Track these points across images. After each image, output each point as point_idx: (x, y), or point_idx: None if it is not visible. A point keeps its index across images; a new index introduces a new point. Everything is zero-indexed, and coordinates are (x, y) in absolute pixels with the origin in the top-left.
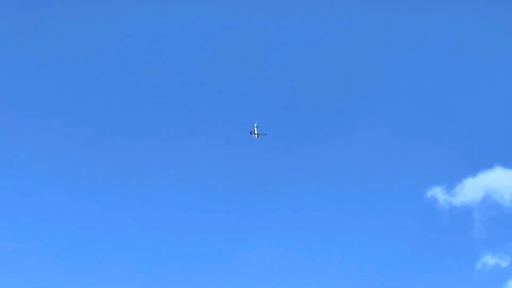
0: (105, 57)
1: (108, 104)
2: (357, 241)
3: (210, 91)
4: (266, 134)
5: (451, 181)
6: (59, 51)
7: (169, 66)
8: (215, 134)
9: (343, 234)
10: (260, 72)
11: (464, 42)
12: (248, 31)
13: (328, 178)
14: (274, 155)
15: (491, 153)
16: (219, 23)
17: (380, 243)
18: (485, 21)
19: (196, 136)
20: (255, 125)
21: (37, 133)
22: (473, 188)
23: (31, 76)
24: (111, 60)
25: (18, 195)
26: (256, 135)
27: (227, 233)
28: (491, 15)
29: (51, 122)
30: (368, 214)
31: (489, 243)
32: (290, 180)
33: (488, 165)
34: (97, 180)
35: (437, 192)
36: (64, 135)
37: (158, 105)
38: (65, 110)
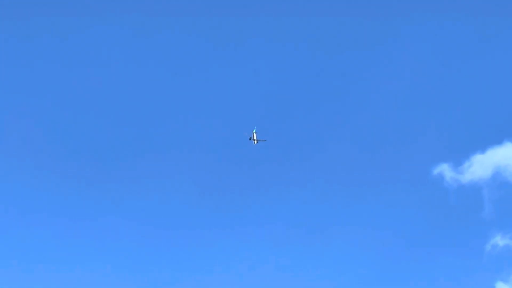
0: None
1: (104, 105)
2: (361, 221)
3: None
4: (265, 140)
5: (459, 157)
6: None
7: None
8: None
9: (345, 212)
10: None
11: (471, 18)
12: (245, 31)
13: (331, 155)
14: (272, 158)
15: (500, 128)
16: (216, 24)
17: (384, 224)
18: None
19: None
20: (254, 131)
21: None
22: (482, 165)
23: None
24: (106, 60)
25: None
26: (255, 141)
27: (201, 248)
28: None
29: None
30: (369, 194)
31: (499, 223)
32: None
33: (497, 140)
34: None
35: (444, 170)
36: (41, 142)
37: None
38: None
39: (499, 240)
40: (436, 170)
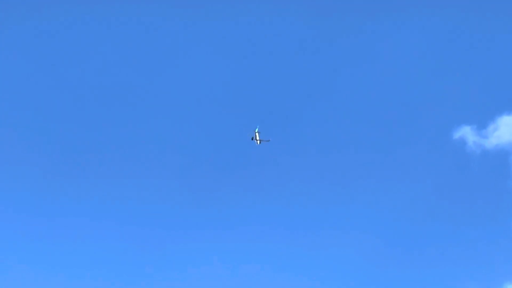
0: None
1: (99, 102)
2: (373, 190)
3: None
4: (269, 140)
5: (483, 119)
6: None
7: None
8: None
9: (357, 182)
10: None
11: None
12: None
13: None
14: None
15: None
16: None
17: (399, 196)
18: None
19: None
20: (256, 130)
21: None
22: (509, 128)
23: None
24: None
25: None
26: (258, 141)
27: (193, 248)
28: None
29: None
30: (382, 162)
31: None
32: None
33: None
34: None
35: (467, 133)
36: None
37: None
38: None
39: None
40: (457, 134)
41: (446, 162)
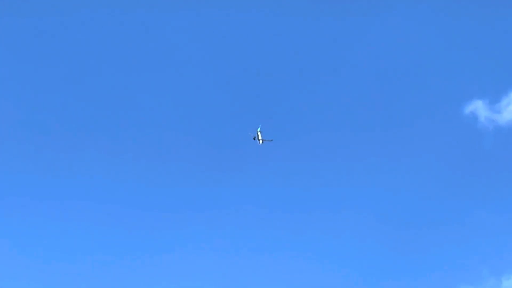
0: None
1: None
2: (380, 168)
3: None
4: (272, 140)
5: (495, 93)
6: None
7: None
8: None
9: (363, 156)
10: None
11: None
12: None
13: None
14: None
15: None
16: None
17: (407, 174)
18: None
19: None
20: (258, 130)
21: None
22: None
23: None
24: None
25: None
26: (260, 141)
27: (167, 230)
28: None
29: None
30: (392, 138)
31: None
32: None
33: None
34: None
35: (478, 108)
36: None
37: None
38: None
39: None
40: (469, 109)
41: (456, 139)
